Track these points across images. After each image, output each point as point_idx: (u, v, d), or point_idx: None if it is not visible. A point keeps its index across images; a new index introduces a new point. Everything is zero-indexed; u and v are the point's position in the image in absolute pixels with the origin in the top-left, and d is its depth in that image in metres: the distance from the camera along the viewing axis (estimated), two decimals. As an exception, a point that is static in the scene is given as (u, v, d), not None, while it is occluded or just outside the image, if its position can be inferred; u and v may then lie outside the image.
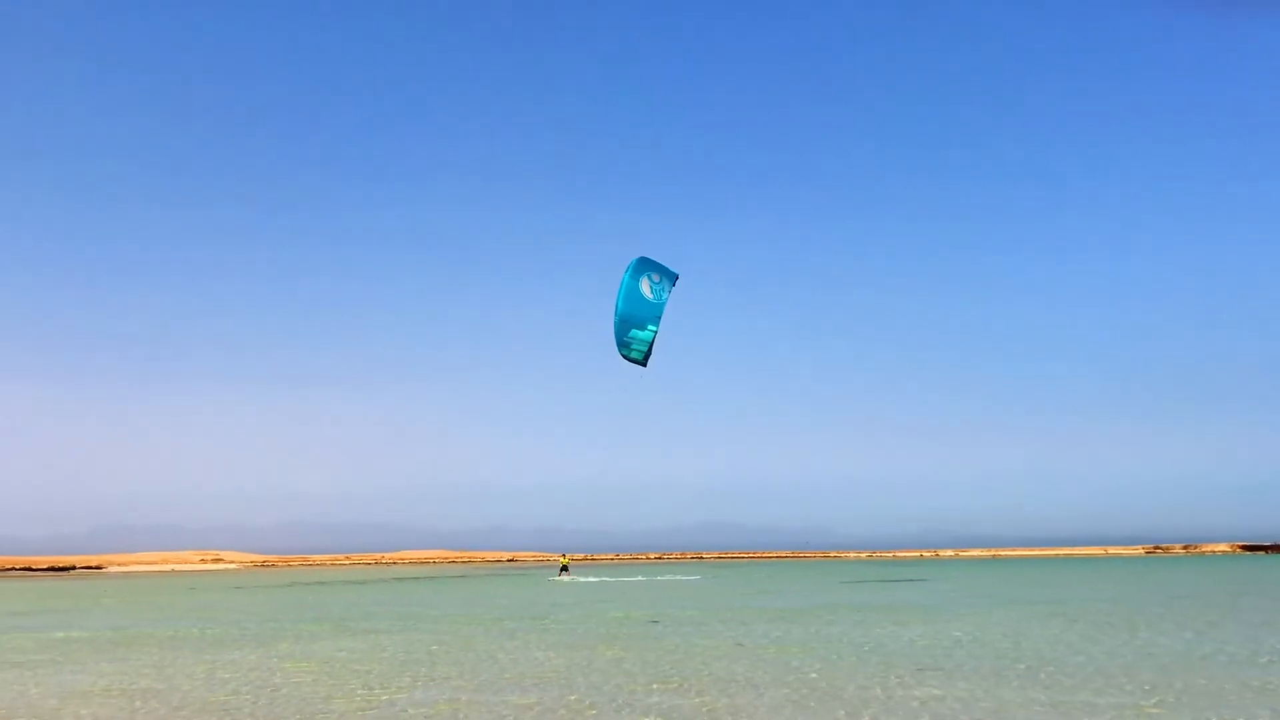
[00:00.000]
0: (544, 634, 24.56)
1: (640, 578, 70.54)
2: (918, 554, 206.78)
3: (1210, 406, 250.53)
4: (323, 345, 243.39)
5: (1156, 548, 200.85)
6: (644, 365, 32.44)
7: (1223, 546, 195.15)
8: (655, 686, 15.35)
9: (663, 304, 31.19)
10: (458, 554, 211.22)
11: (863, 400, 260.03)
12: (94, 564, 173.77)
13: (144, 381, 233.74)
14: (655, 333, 31.28)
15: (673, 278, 31.82)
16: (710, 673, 16.78)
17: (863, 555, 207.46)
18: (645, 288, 31.70)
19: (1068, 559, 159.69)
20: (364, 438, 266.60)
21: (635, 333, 31.24)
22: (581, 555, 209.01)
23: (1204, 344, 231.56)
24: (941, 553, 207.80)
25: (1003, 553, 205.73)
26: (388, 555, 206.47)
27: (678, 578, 71.28)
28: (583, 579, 69.59)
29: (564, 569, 77.65)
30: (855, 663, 17.91)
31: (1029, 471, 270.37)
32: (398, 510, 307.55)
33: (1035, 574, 74.63)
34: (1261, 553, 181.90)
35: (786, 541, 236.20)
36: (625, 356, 30.96)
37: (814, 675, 16.37)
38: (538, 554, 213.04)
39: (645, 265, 31.48)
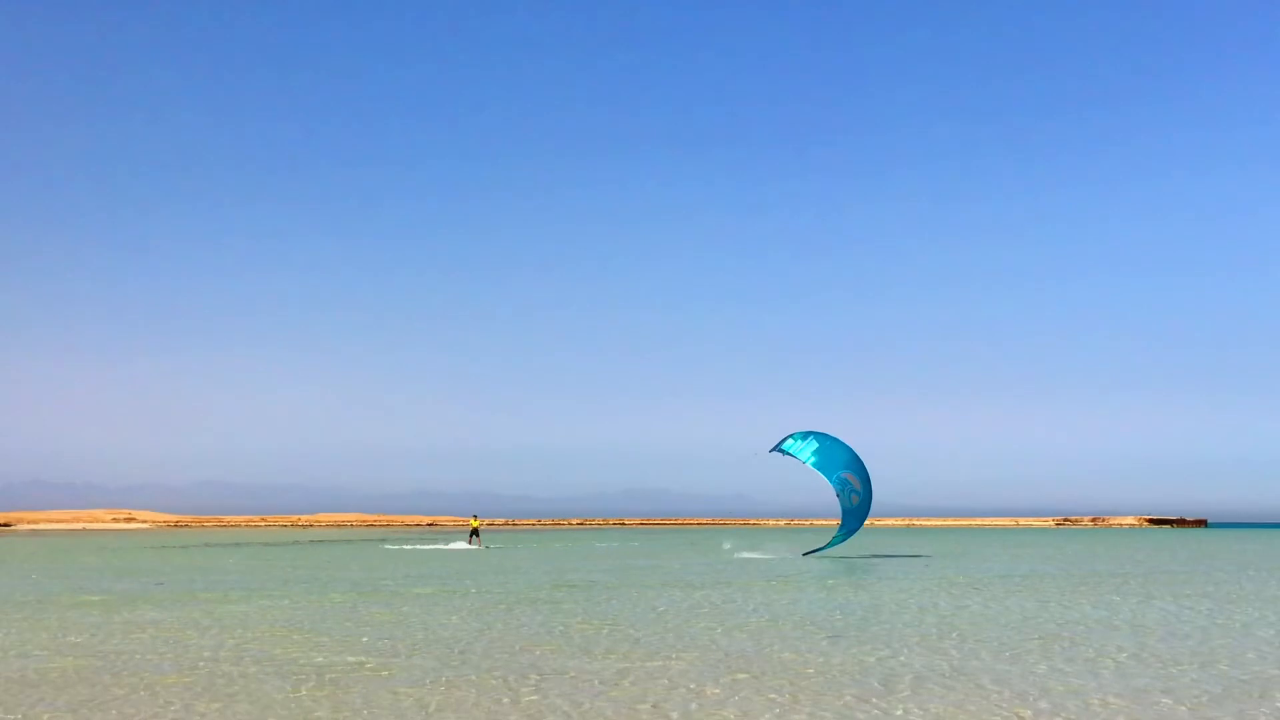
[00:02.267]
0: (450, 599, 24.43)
1: (559, 545, 69.36)
2: (835, 523, 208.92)
3: (1117, 384, 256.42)
4: (242, 306, 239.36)
5: (1066, 519, 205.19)
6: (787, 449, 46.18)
7: (1130, 520, 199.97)
8: (576, 649, 15.34)
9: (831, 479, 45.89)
10: (376, 517, 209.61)
11: (781, 369, 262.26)
12: (2, 521, 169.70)
13: (60, 341, 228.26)
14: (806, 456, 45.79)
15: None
16: (628, 634, 16.83)
17: (781, 523, 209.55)
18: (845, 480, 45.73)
19: (982, 529, 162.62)
20: (281, 398, 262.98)
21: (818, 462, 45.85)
22: (501, 520, 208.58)
23: (1104, 326, 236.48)
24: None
25: (917, 522, 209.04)
26: (304, 517, 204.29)
27: (598, 544, 71.35)
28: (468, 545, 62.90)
29: (475, 534, 64.43)
30: (779, 628, 18.06)
31: (943, 444, 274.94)
32: (316, 472, 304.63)
33: (950, 543, 75.86)
34: (1168, 526, 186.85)
35: (708, 508, 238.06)
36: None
37: (722, 639, 16.47)
38: (459, 519, 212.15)
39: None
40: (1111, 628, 18.24)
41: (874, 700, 11.46)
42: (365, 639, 16.60)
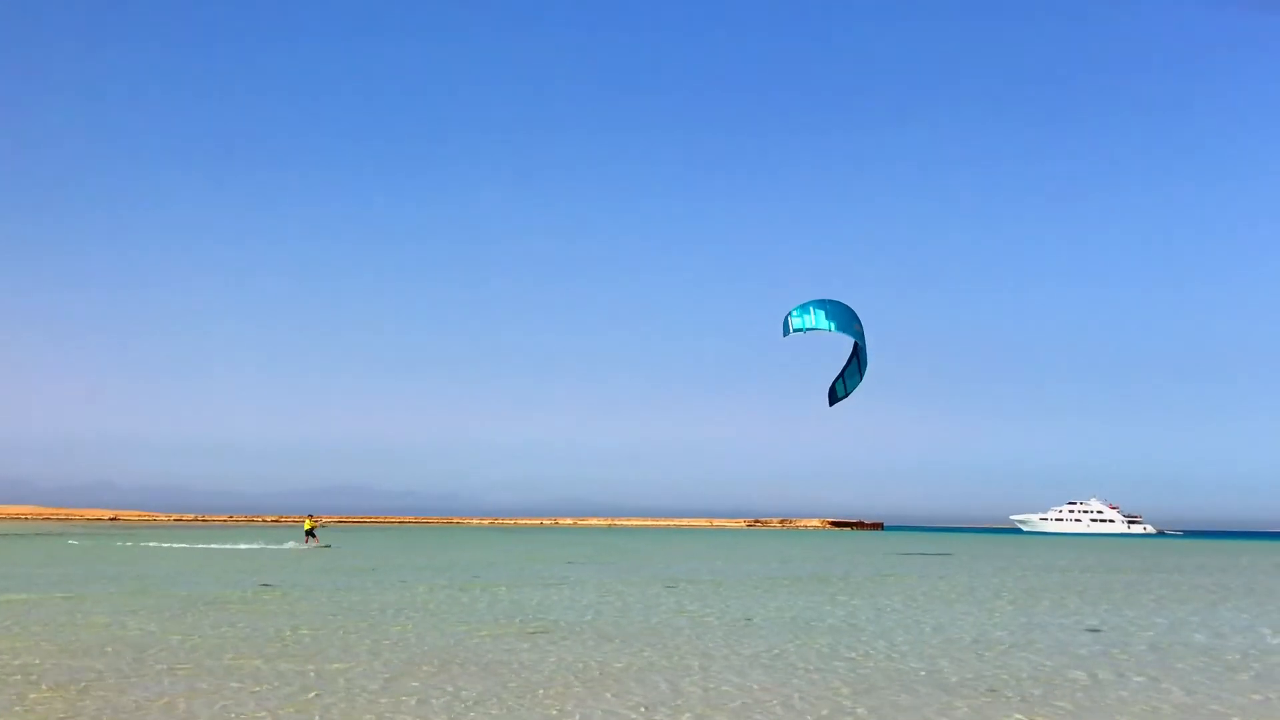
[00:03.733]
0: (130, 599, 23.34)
1: (215, 545, 63.77)
2: (539, 521, 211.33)
3: (800, 393, 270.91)
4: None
5: (756, 521, 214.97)
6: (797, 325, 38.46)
7: (814, 522, 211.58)
8: (267, 651, 14.98)
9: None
10: (54, 510, 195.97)
11: (498, 366, 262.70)
12: None
13: None
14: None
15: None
16: (320, 640, 16.56)
17: (485, 522, 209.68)
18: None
19: (680, 529, 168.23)
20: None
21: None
22: (191, 516, 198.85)
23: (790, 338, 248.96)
24: (561, 520, 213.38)
25: (619, 521, 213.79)
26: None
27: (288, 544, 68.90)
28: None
29: (310, 534, 61.82)
30: (463, 626, 18.20)
31: (644, 448, 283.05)
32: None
33: (650, 542, 77.97)
34: (848, 528, 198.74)
35: (415, 506, 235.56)
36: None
37: (423, 639, 16.50)
38: (143, 513, 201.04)
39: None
40: (829, 626, 19.37)
41: (590, 699, 11.77)
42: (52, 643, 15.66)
